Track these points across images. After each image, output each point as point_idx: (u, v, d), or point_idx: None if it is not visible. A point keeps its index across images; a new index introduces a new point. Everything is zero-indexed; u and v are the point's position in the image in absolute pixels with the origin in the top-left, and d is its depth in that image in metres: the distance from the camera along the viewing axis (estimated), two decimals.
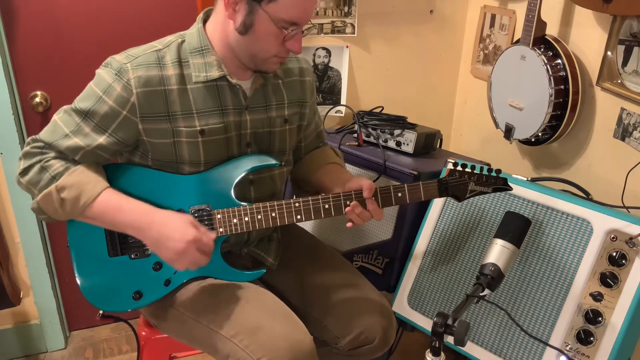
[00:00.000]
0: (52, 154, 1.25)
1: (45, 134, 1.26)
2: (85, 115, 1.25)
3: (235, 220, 1.31)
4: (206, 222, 1.31)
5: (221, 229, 1.31)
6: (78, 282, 1.33)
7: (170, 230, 1.23)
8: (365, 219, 1.32)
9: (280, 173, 1.44)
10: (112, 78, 1.23)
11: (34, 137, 1.27)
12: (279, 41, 1.23)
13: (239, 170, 1.33)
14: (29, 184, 1.25)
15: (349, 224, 1.34)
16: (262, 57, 1.27)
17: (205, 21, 1.32)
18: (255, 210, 1.31)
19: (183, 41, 1.30)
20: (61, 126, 1.25)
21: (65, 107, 1.28)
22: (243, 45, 1.26)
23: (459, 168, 1.36)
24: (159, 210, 1.27)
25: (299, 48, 1.26)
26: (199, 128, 1.28)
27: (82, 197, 1.23)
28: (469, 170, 1.37)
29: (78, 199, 1.22)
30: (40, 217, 1.28)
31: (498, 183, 1.37)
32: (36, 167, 1.24)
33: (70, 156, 1.26)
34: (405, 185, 1.34)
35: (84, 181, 1.23)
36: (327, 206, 1.31)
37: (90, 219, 1.27)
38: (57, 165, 1.24)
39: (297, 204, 1.31)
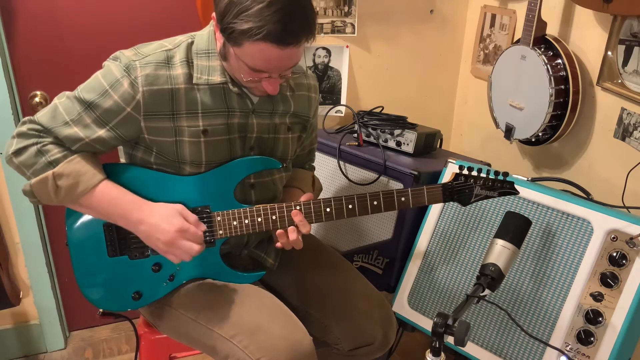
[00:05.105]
0: (50, 139, 1.23)
1: (44, 118, 1.23)
2: (88, 105, 1.23)
3: (235, 223, 1.30)
4: (205, 224, 1.31)
5: (221, 231, 1.31)
6: (77, 281, 1.33)
7: (157, 219, 1.22)
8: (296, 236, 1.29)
9: (280, 177, 1.43)
10: (121, 73, 1.22)
11: (30, 117, 1.25)
12: (251, 78, 1.21)
13: (241, 171, 1.33)
14: (22, 165, 1.23)
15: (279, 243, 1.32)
16: (243, 84, 1.26)
17: None
18: (255, 213, 1.30)
19: (193, 41, 1.29)
20: (62, 112, 1.23)
21: (67, 92, 1.26)
22: (226, 67, 1.26)
23: (465, 172, 1.31)
24: (149, 202, 1.26)
25: (272, 90, 1.23)
26: (202, 127, 1.27)
27: (79, 187, 1.22)
28: (475, 175, 1.31)
29: (75, 188, 1.22)
30: (31, 201, 1.26)
31: (504, 187, 1.31)
32: (32, 149, 1.22)
33: (67, 145, 1.24)
34: (409, 190, 1.31)
35: (82, 171, 1.22)
36: (328, 210, 1.31)
37: (83, 208, 1.26)
38: (55, 151, 1.22)
39: (297, 207, 1.30)
